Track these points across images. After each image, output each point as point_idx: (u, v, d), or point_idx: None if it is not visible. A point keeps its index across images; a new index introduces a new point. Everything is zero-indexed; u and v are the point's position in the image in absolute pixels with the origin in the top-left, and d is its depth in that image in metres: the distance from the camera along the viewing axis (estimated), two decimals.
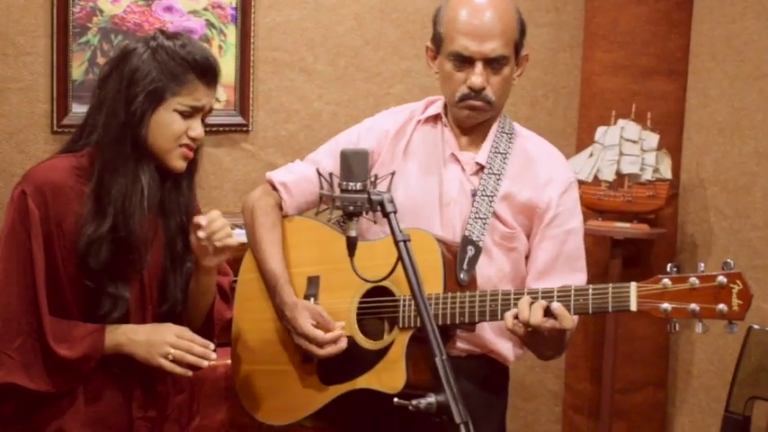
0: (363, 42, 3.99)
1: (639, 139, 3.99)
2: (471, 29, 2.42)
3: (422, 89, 3.95)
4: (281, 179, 2.63)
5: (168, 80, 2.15)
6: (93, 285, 2.18)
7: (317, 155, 2.68)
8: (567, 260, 2.50)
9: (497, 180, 2.48)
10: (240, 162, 3.88)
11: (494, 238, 2.46)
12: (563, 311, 2.22)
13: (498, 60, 2.43)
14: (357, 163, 2.12)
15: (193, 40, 2.23)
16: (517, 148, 2.54)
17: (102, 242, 2.16)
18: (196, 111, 2.20)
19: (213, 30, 3.75)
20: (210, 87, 2.21)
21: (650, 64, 4.13)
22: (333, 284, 2.49)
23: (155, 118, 2.18)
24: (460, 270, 2.39)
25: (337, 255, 2.40)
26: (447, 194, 2.51)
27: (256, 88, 3.85)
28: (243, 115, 3.85)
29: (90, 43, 3.63)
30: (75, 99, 3.59)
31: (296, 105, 3.92)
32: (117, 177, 2.17)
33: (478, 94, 2.44)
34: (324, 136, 3.72)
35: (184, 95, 2.17)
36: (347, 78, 3.97)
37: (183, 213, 2.30)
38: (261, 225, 2.58)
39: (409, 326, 2.36)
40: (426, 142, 2.57)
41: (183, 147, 2.22)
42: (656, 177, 3.98)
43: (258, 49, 3.82)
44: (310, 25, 3.89)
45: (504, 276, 2.49)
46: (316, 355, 2.41)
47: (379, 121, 2.65)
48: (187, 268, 2.30)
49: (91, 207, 2.17)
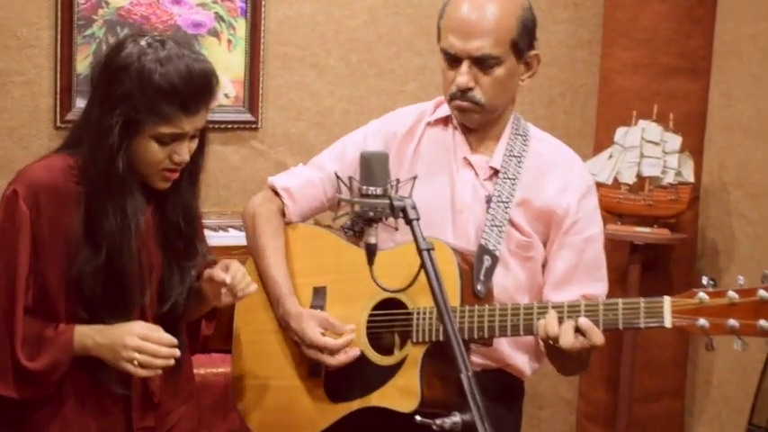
0: (377, 37, 3.94)
1: (661, 141, 3.92)
2: (458, 25, 2.33)
3: (437, 86, 3.67)
4: (284, 184, 2.56)
5: (145, 112, 2.05)
6: (86, 315, 2.13)
7: (321, 159, 2.60)
8: (587, 269, 2.42)
9: (512, 185, 2.40)
10: (248, 161, 3.84)
11: (509, 247, 2.38)
12: (591, 327, 2.14)
13: (484, 60, 2.32)
14: (378, 166, 2.03)
15: (180, 66, 2.07)
16: (532, 150, 2.45)
17: (96, 275, 2.11)
18: (178, 136, 2.11)
19: (222, 23, 3.71)
20: (195, 114, 2.09)
21: (671, 62, 4.06)
22: (341, 296, 2.41)
23: (133, 146, 2.09)
24: (477, 281, 2.31)
25: (345, 264, 2.36)
26: (460, 200, 2.43)
27: (266, 84, 3.81)
28: (252, 112, 3.81)
29: (95, 36, 3.58)
30: (80, 93, 3.56)
31: (306, 102, 3.88)
32: (106, 213, 2.10)
33: (465, 94, 2.34)
34: (335, 134, 3.72)
35: (163, 126, 2.08)
36: (359, 75, 3.92)
37: (181, 214, 2.23)
38: (263, 233, 2.49)
39: (423, 340, 2.28)
40: (437, 145, 2.48)
41: (165, 171, 2.14)
42: (678, 181, 3.91)
43: (268, 44, 3.78)
44: (322, 19, 3.85)
45: (520, 287, 2.41)
46: (327, 364, 2.33)
47: (387, 123, 2.57)
48: (187, 269, 2.23)
49: (82, 235, 2.10)
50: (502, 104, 2.40)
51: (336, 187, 2.49)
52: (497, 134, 2.45)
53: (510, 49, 2.35)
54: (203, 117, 2.11)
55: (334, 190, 2.50)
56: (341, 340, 2.31)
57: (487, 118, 2.41)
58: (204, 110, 2.09)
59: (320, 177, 2.54)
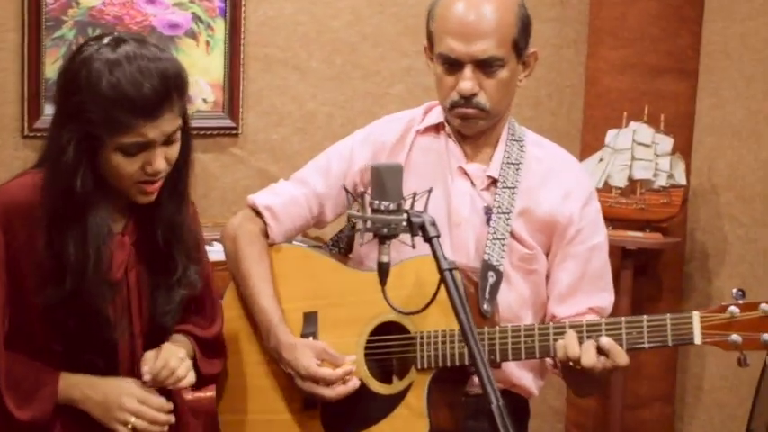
0: (361, 38, 3.85)
1: (653, 143, 3.85)
2: (458, 27, 2.23)
3: (424, 89, 3.81)
4: (266, 203, 2.42)
5: (99, 125, 1.89)
6: (60, 349, 2.00)
7: (304, 173, 2.47)
8: (592, 279, 2.34)
9: (512, 195, 2.31)
10: (228, 169, 3.73)
11: (512, 261, 2.29)
12: (614, 347, 2.06)
13: (489, 62, 2.23)
14: (390, 179, 1.91)
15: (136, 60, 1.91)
16: (529, 157, 2.36)
17: (65, 309, 1.97)
18: (144, 145, 1.94)
19: (200, 24, 3.59)
20: (157, 119, 1.92)
21: (659, 62, 4.01)
22: (333, 321, 2.29)
23: (98, 160, 1.94)
24: (483, 300, 2.21)
25: (336, 287, 2.28)
26: (457, 213, 2.33)
27: (246, 88, 3.69)
28: (231, 117, 3.69)
29: (65, 38, 3.43)
30: (48, 100, 3.40)
31: (289, 106, 3.78)
32: (67, 240, 1.95)
33: (469, 100, 2.25)
34: (318, 139, 3.78)
35: (122, 135, 1.91)
36: (344, 77, 3.83)
37: (163, 228, 2.08)
38: (246, 256, 2.35)
39: (429, 366, 2.19)
40: (429, 154, 2.38)
41: (141, 183, 1.98)
42: (670, 183, 3.85)
43: (248, 46, 3.67)
44: (304, 19, 3.75)
45: (524, 302, 2.32)
46: (324, 397, 2.20)
47: (375, 133, 2.45)
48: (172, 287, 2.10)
49: (48, 261, 1.96)
50: (504, 108, 2.33)
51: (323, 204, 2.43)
52: (494, 141, 2.37)
53: (512, 49, 2.27)
54: (170, 121, 1.94)
55: (320, 207, 2.42)
56: (339, 370, 2.19)
57: (490, 124, 2.32)
58: (168, 113, 1.93)
59: (304, 194, 2.42)
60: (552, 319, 2.29)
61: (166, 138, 1.95)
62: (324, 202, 2.42)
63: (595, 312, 2.30)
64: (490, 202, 2.31)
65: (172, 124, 1.95)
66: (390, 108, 3.71)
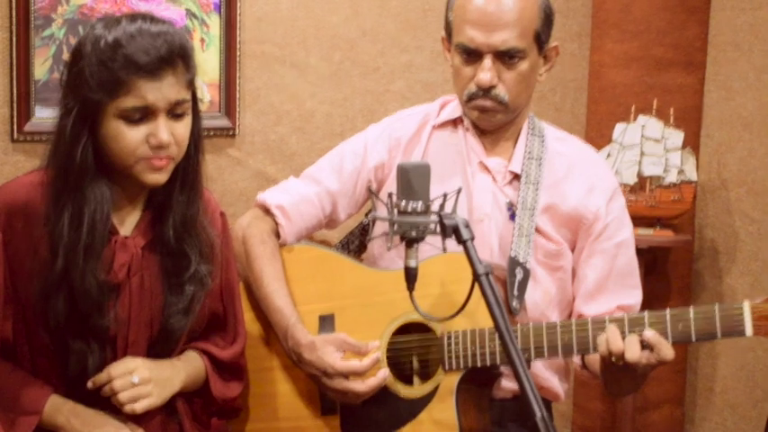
0: (360, 34, 3.74)
1: (662, 138, 3.78)
2: (479, 17, 2.21)
3: (424, 85, 3.80)
4: (277, 201, 2.37)
5: (97, 89, 1.84)
6: (52, 344, 1.92)
7: (316, 171, 2.43)
8: (620, 276, 2.33)
9: (536, 190, 2.29)
10: (225, 170, 3.61)
11: (537, 257, 2.28)
12: (660, 340, 2.03)
13: (510, 54, 2.22)
14: (418, 179, 1.84)
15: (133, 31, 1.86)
16: (551, 151, 2.34)
17: (56, 291, 1.88)
18: (147, 111, 1.86)
19: (194, 20, 3.45)
20: (158, 79, 1.85)
21: (666, 55, 3.95)
22: (352, 323, 2.25)
23: (100, 132, 1.86)
24: (512, 297, 2.21)
25: (353, 288, 2.24)
26: (479, 209, 2.31)
27: (243, 87, 3.59)
28: (228, 117, 3.57)
29: (54, 37, 3.30)
30: (39, 102, 3.27)
31: (287, 105, 3.67)
32: (62, 213, 1.89)
33: (487, 92, 2.23)
34: (317, 139, 3.70)
35: (122, 97, 1.84)
36: (343, 74, 3.72)
37: (173, 222, 1.99)
38: (258, 257, 2.30)
39: (457, 367, 2.16)
40: (446, 150, 2.36)
41: (148, 159, 1.88)
42: (680, 179, 3.79)
43: (245, 43, 3.55)
44: (302, 15, 3.63)
45: (550, 300, 2.31)
46: (357, 394, 2.13)
47: (389, 129, 2.42)
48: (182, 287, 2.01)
49: (46, 246, 1.90)
50: (524, 102, 2.30)
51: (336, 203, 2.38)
52: (514, 135, 2.34)
53: (533, 42, 2.24)
54: (174, 87, 1.87)
55: (332, 206, 2.37)
56: (367, 360, 2.14)
57: (509, 118, 2.29)
58: (171, 77, 1.86)
59: (317, 192, 2.38)
60: (579, 318, 2.24)
61: (171, 107, 1.87)
62: (337, 200, 2.37)
63: (624, 310, 2.26)
64: (513, 197, 2.28)
65: (176, 92, 1.87)
66: (391, 106, 3.70)
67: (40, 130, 3.22)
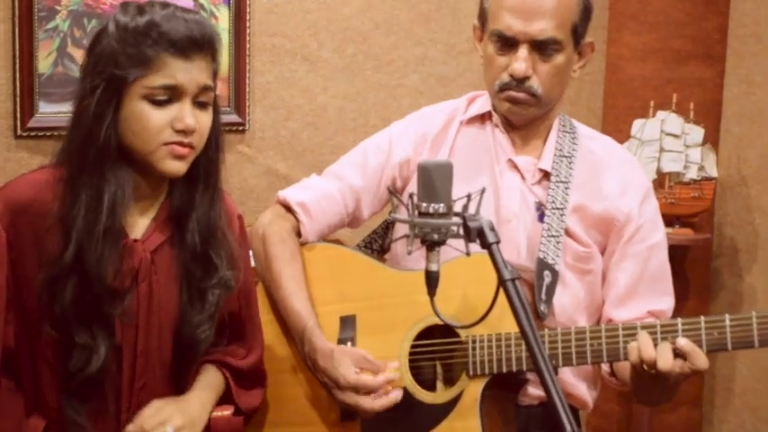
0: (373, 26, 3.72)
1: (682, 134, 3.73)
2: (518, 4, 2.15)
3: (438, 79, 3.76)
4: (298, 199, 2.32)
5: (126, 64, 1.81)
6: (56, 335, 1.84)
7: (339, 168, 2.37)
8: (652, 281, 2.26)
9: (566, 190, 2.23)
10: (235, 167, 3.57)
11: (566, 260, 2.21)
12: (694, 349, 1.96)
13: (547, 44, 2.15)
14: (441, 179, 1.75)
15: (167, 12, 1.84)
16: (582, 149, 2.28)
17: (65, 278, 1.82)
18: (174, 92, 1.81)
19: (203, 12, 3.42)
20: (188, 60, 1.82)
21: (684, 47, 3.91)
22: (373, 325, 2.20)
23: (123, 113, 1.82)
24: (539, 301, 2.14)
25: (375, 288, 2.20)
26: (507, 209, 2.25)
27: (253, 81, 3.56)
28: (238, 112, 3.54)
29: (58, 30, 3.28)
30: (43, 96, 3.25)
31: (298, 100, 3.65)
32: (78, 196, 1.83)
33: (521, 83, 2.17)
34: (330, 134, 3.68)
35: (151, 75, 1.80)
36: (355, 68, 3.70)
37: (197, 227, 1.94)
38: (277, 256, 2.24)
39: (482, 373, 2.11)
40: (474, 147, 2.30)
41: (171, 144, 1.83)
42: (701, 176, 3.74)
43: (255, 35, 3.53)
44: (313, 7, 3.62)
45: (579, 304, 2.24)
46: (366, 409, 2.07)
47: (414, 124, 2.37)
48: (206, 293, 1.95)
49: (56, 235, 1.84)
50: (556, 97, 2.26)
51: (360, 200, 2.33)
52: (544, 132, 2.28)
53: (571, 35, 2.19)
54: (204, 72, 1.84)
55: (356, 203, 2.33)
56: (381, 377, 2.08)
57: (540, 112, 2.23)
58: (201, 60, 1.83)
59: (339, 189, 2.32)
60: (608, 324, 2.18)
61: (198, 91, 1.83)
62: (360, 197, 2.32)
63: (655, 316, 2.21)
64: (542, 197, 2.23)
65: (205, 76, 1.84)
66: (404, 100, 3.69)
67: (44, 126, 3.18)
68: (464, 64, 3.76)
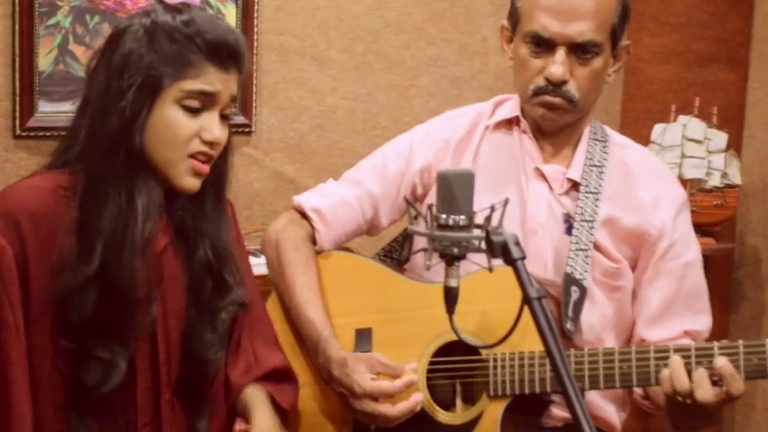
0: (384, 25, 3.66)
1: (705, 139, 3.65)
2: (555, 4, 2.10)
3: (451, 80, 3.71)
4: (314, 204, 2.28)
5: (165, 64, 1.77)
6: (73, 346, 1.77)
7: (357, 173, 2.33)
8: (688, 300, 2.19)
9: (595, 201, 2.17)
10: (240, 170, 3.46)
11: (595, 276, 2.15)
12: (732, 373, 1.90)
13: (586, 47, 2.10)
14: (461, 189, 1.68)
15: (205, 16, 1.85)
16: (614, 159, 2.22)
17: (87, 289, 1.76)
18: (209, 101, 1.79)
19: (209, 9, 3.37)
20: (226, 71, 1.81)
21: (707, 49, 3.87)
22: (391, 339, 2.14)
23: (153, 118, 1.77)
24: (566, 318, 2.08)
25: (393, 301, 2.16)
26: (533, 219, 2.19)
27: (260, 81, 3.52)
28: (244, 113, 3.50)
29: (60, 26, 3.23)
30: (43, 95, 3.21)
31: (306, 101, 3.61)
32: (105, 202, 1.78)
33: (557, 88, 2.11)
34: (339, 136, 3.62)
35: (189, 79, 1.78)
36: (366, 68, 3.64)
37: (210, 244, 1.90)
38: (291, 263, 2.20)
39: (503, 394, 2.05)
40: (500, 153, 2.25)
41: (195, 157, 1.80)
42: (724, 183, 3.66)
43: (262, 33, 3.49)
44: (323, 4, 3.57)
45: (606, 323, 2.18)
46: (386, 417, 2.02)
47: (437, 129, 2.33)
48: (222, 316, 1.91)
49: (74, 243, 1.77)
50: (592, 103, 2.19)
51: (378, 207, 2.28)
52: (575, 140, 2.23)
53: (609, 37, 2.14)
54: (234, 83, 1.84)
55: (374, 210, 2.28)
56: (399, 382, 2.02)
57: (574, 119, 2.18)
58: (235, 73, 1.83)
59: (357, 195, 2.28)
60: (641, 344, 2.14)
61: (229, 102, 1.83)
62: (379, 204, 2.28)
63: (691, 337, 2.17)
64: (570, 208, 2.18)
65: (235, 87, 1.84)
66: (416, 102, 3.64)
67: (44, 126, 3.15)
68: (478, 65, 3.70)
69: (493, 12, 3.65)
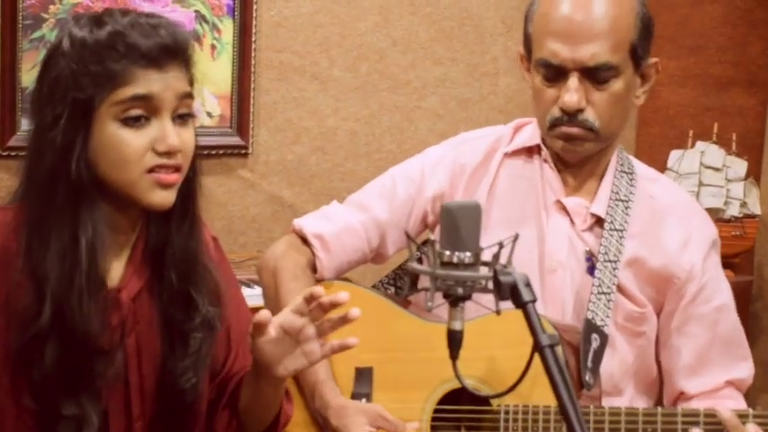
0: (390, 43, 3.61)
1: (723, 167, 3.64)
2: (563, 27, 2.01)
3: (459, 102, 3.63)
4: (316, 230, 2.18)
5: (91, 84, 1.63)
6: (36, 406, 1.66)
7: (363, 197, 2.25)
8: (725, 346, 2.11)
9: (620, 239, 2.08)
10: (236, 194, 3.49)
11: (616, 320, 2.06)
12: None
13: (600, 71, 2.00)
14: (467, 223, 1.56)
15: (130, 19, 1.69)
16: (641, 193, 2.13)
17: (43, 342, 1.64)
18: (149, 106, 1.64)
19: (205, 24, 3.33)
20: (162, 69, 1.67)
21: (725, 73, 3.85)
22: (393, 380, 2.06)
23: (94, 142, 1.63)
24: (585, 369, 2.00)
25: (397, 338, 2.08)
26: (552, 257, 2.10)
27: (258, 100, 3.47)
28: (241, 134, 3.45)
29: (45, 39, 3.17)
30: (26, 112, 3.11)
31: (306, 122, 3.57)
32: (48, 243, 1.66)
33: (574, 117, 2.02)
34: (340, 160, 3.52)
35: (119, 90, 1.62)
36: (369, 88, 3.59)
37: (175, 264, 1.76)
38: (289, 293, 2.10)
39: None
40: (519, 183, 2.16)
41: (155, 171, 1.65)
42: (743, 213, 3.63)
43: (261, 51, 3.44)
44: (325, 21, 3.52)
45: (627, 370, 2.10)
46: None
47: (452, 153, 2.23)
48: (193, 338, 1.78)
49: (25, 290, 1.65)
50: (617, 129, 2.07)
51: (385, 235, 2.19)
52: (600, 171, 2.13)
53: (629, 56, 2.03)
54: (180, 81, 1.68)
55: (380, 238, 2.19)
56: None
57: (598, 148, 2.09)
58: (176, 70, 1.68)
59: (362, 221, 2.19)
60: (680, 397, 2.10)
61: (177, 102, 1.67)
62: (386, 232, 2.18)
63: (735, 386, 2.09)
64: (592, 245, 2.09)
65: (183, 84, 1.69)
66: (422, 124, 3.57)
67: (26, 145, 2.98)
68: (487, 86, 3.62)
69: (503, 31, 3.57)
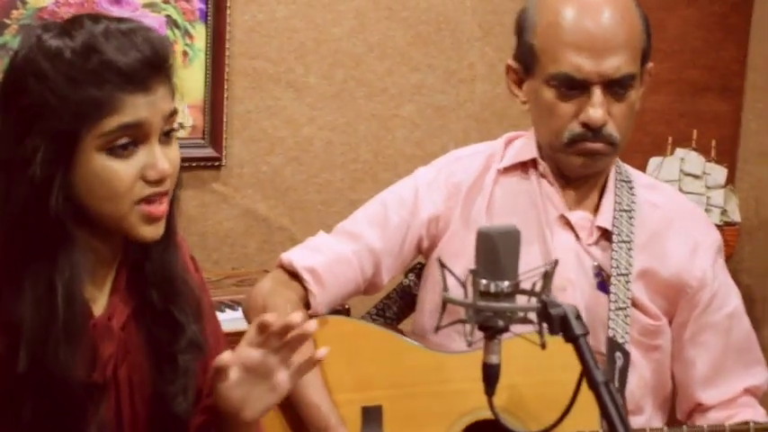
0: (366, 49, 3.55)
1: (703, 174, 3.57)
2: (585, 39, 1.95)
3: (436, 109, 3.58)
4: (307, 263, 2.10)
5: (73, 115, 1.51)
6: None
7: (355, 226, 2.17)
8: (739, 353, 2.09)
9: (629, 251, 2.04)
10: (209, 208, 3.41)
11: (632, 335, 2.03)
12: None
13: (623, 82, 1.96)
14: (507, 250, 1.49)
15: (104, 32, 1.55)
16: (642, 202, 2.10)
17: (21, 392, 1.57)
18: (138, 133, 1.53)
19: (176, 30, 3.25)
20: (150, 91, 1.55)
21: (700, 78, 3.82)
22: (405, 418, 2.00)
23: (76, 176, 1.53)
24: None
25: (404, 373, 2.02)
26: (560, 275, 1.96)
27: (231, 110, 3.40)
28: (213, 146, 3.37)
29: (7, 47, 3.08)
30: None
31: (281, 131, 3.49)
32: (23, 291, 1.56)
33: (598, 132, 1.97)
34: (316, 170, 3.45)
35: (105, 120, 1.51)
36: (345, 95, 3.52)
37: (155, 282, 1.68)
38: None
39: None
40: (517, 200, 2.10)
41: (144, 202, 1.56)
42: (723, 221, 3.55)
43: (234, 57, 3.36)
44: (300, 26, 3.45)
45: (645, 385, 2.06)
46: None
47: (444, 172, 2.17)
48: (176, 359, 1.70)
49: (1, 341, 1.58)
50: (629, 141, 2.05)
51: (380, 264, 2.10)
52: (601, 183, 2.09)
53: (641, 64, 2.01)
54: (166, 99, 1.57)
55: (375, 267, 2.10)
56: None
57: (614, 161, 2.07)
58: (162, 87, 1.56)
59: (355, 251, 2.10)
60: (697, 408, 2.08)
61: (165, 122, 1.57)
62: (380, 261, 2.11)
63: (752, 393, 2.08)
64: (601, 259, 2.05)
65: (168, 103, 1.58)
66: (399, 132, 3.52)
67: None
68: (465, 93, 3.57)
69: (481, 36, 3.53)
